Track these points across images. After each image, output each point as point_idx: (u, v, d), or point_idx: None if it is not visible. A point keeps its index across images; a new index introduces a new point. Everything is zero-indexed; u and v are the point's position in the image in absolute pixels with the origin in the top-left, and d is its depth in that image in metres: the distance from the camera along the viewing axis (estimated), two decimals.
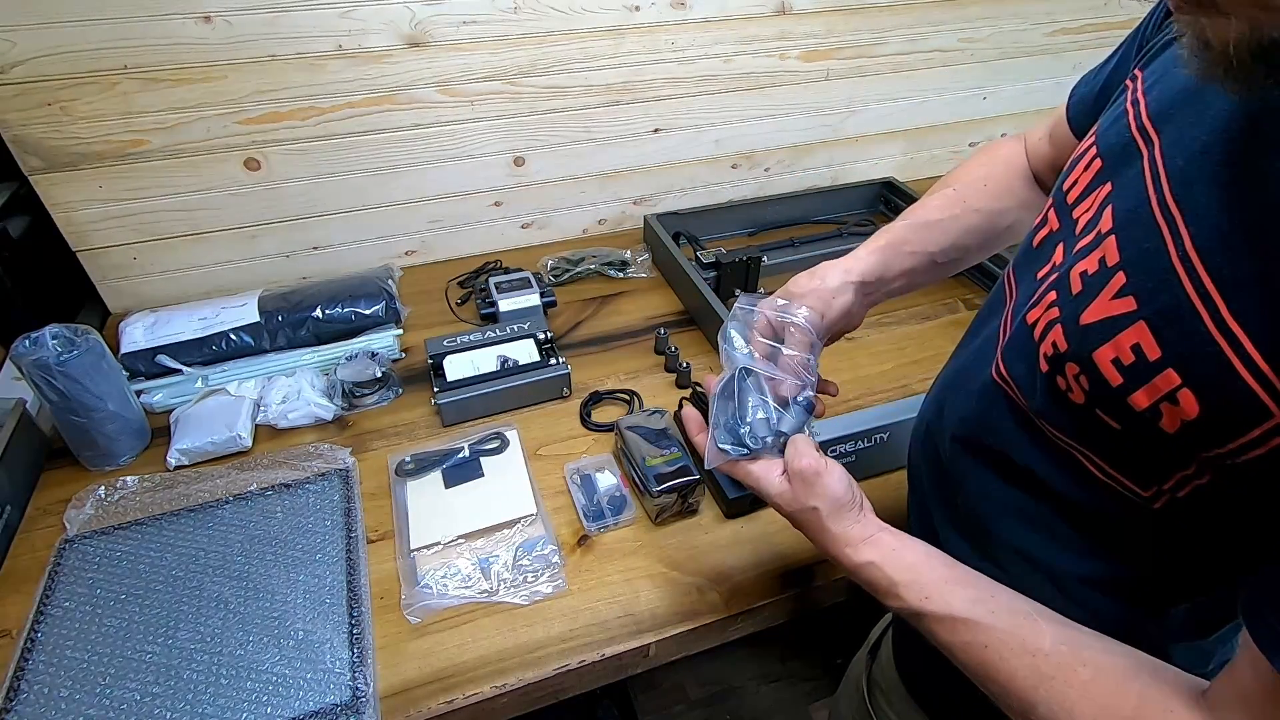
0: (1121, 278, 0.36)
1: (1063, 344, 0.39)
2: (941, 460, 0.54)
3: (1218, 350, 0.31)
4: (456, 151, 1.13)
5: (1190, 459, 0.35)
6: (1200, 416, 0.32)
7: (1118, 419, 0.37)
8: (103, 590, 0.70)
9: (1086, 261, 0.39)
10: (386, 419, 0.91)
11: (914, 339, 1.06)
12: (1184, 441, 0.34)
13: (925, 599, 0.45)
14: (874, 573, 0.47)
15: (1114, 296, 0.36)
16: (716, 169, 1.33)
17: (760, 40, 1.19)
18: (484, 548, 0.74)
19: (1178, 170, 0.35)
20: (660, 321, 1.08)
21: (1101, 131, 0.43)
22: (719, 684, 1.47)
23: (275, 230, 1.11)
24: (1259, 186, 0.31)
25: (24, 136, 0.92)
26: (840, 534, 0.49)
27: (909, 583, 0.46)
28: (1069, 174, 0.45)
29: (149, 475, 0.82)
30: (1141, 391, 0.35)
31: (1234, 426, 0.31)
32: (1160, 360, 0.33)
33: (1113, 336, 0.36)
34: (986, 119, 1.49)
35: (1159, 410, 0.34)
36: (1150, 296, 0.34)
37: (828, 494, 0.49)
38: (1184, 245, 0.33)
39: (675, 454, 0.78)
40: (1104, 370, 0.36)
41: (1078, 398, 0.39)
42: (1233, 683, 0.34)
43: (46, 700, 0.61)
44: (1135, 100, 0.41)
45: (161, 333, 0.93)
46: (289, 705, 0.61)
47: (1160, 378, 0.34)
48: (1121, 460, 0.39)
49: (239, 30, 0.93)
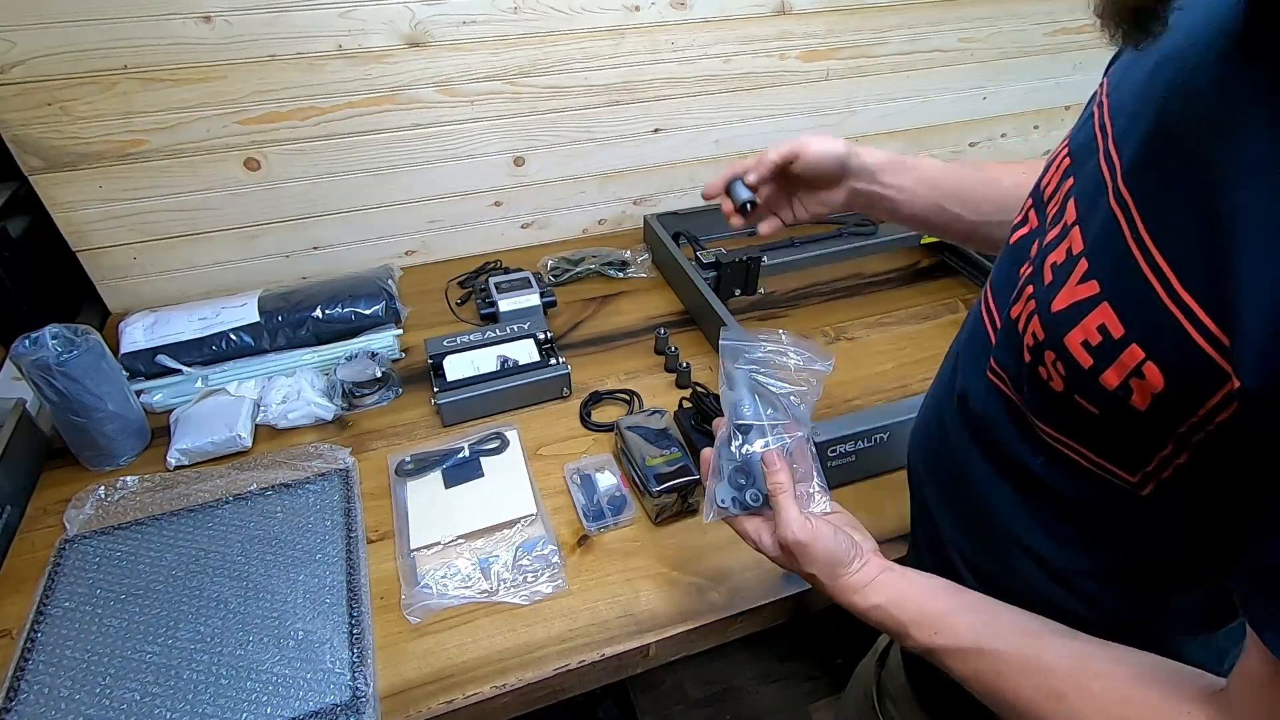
0: (1085, 264, 0.38)
1: (1040, 333, 0.41)
2: (941, 459, 0.54)
3: (1174, 321, 0.33)
4: (456, 151, 1.13)
5: (1167, 437, 0.36)
6: (1166, 388, 0.34)
7: (1094, 403, 0.38)
8: (103, 590, 0.70)
9: (1056, 253, 0.41)
10: (386, 419, 0.91)
11: (914, 339, 1.06)
12: (1157, 417, 0.35)
13: (934, 634, 0.45)
14: (882, 615, 0.48)
15: (1079, 282, 0.38)
16: (716, 169, 1.33)
17: (760, 40, 1.19)
18: (484, 548, 0.74)
19: (1127, 159, 0.38)
20: (660, 321, 1.08)
21: (1073, 132, 0.46)
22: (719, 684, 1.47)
23: (275, 230, 1.11)
24: (1198, 168, 0.33)
25: (24, 136, 0.92)
26: (843, 586, 0.50)
27: (916, 621, 0.47)
28: (1045, 173, 0.47)
29: (149, 475, 0.82)
30: (1111, 370, 0.36)
31: (1197, 393, 0.33)
32: (1124, 337, 0.35)
33: (1080, 320, 0.37)
34: (986, 119, 1.49)
35: (1129, 387, 0.35)
36: (1110, 278, 0.36)
37: (820, 559, 0.50)
38: (1136, 227, 0.35)
39: (675, 454, 0.78)
40: (1075, 354, 0.38)
41: (1057, 385, 0.40)
42: (1243, 674, 0.34)
43: (46, 700, 0.61)
44: (1100, 101, 0.44)
45: (161, 333, 0.93)
46: (289, 705, 0.61)
47: (1126, 354, 0.35)
48: (1105, 447, 0.40)
49: (239, 30, 0.93)
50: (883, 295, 1.16)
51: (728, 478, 0.54)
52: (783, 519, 0.50)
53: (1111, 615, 0.41)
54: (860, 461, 0.79)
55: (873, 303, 1.14)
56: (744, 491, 0.54)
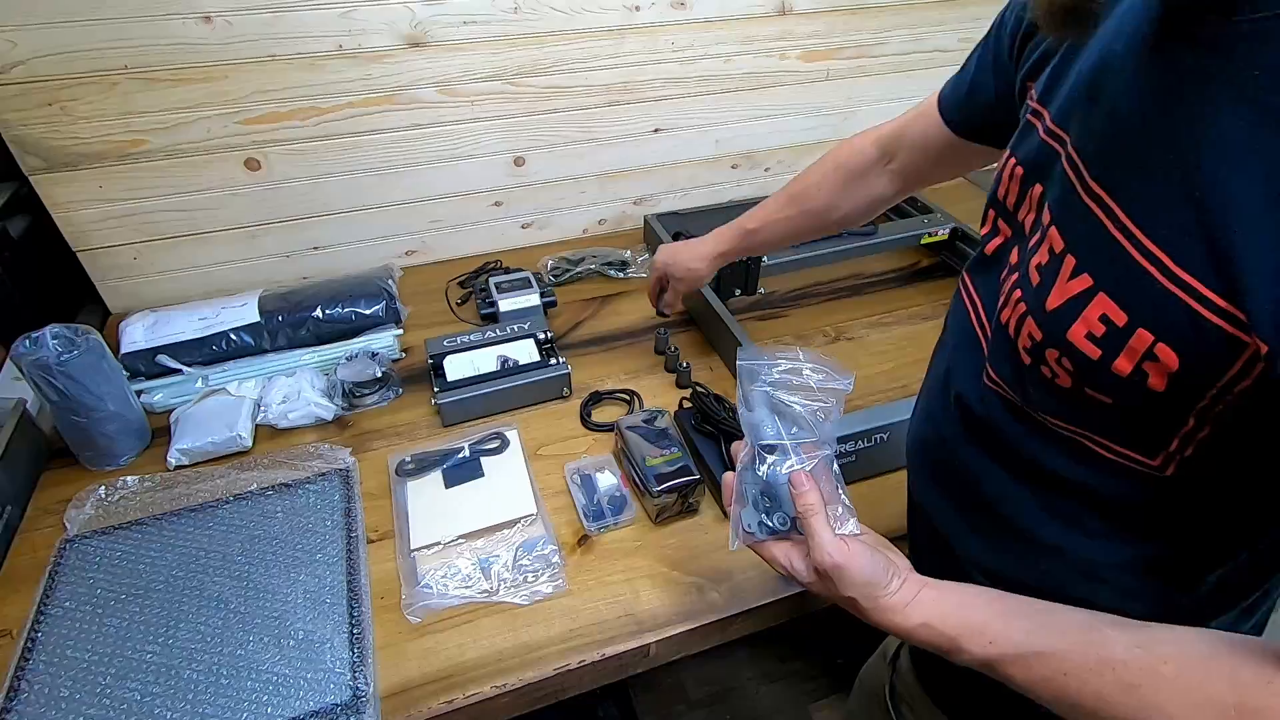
0: (1072, 260, 0.39)
1: (1037, 334, 0.41)
2: (948, 470, 0.53)
3: (1178, 300, 0.33)
4: (457, 151, 1.13)
5: (1186, 414, 0.36)
6: (1182, 365, 0.34)
7: (1107, 393, 0.38)
8: (103, 590, 0.70)
9: (1038, 255, 0.42)
10: (386, 419, 0.91)
11: (914, 339, 1.06)
12: (1177, 395, 0.35)
13: (990, 644, 0.43)
14: (929, 634, 0.46)
15: (1070, 278, 0.39)
16: (716, 169, 1.33)
17: (760, 40, 1.19)
18: (484, 548, 0.74)
19: (1092, 156, 0.39)
20: (660, 321, 1.08)
21: (1014, 146, 0.48)
22: (719, 684, 1.47)
23: (275, 230, 1.11)
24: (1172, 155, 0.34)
25: (24, 136, 0.92)
26: (884, 607, 0.47)
27: (967, 634, 0.44)
28: (998, 186, 0.49)
29: (149, 475, 0.82)
30: (1122, 357, 0.36)
31: (1216, 365, 0.33)
32: (1129, 323, 0.36)
33: (1080, 313, 0.38)
34: None
35: (1144, 371, 0.36)
36: (1102, 270, 0.37)
37: (858, 581, 0.47)
38: (1118, 219, 0.36)
39: (675, 454, 0.78)
40: (1081, 347, 0.38)
41: (1064, 381, 0.40)
42: None
43: (46, 700, 0.61)
44: (1036, 112, 0.46)
45: (161, 333, 0.93)
46: (289, 705, 0.61)
47: (1134, 339, 0.36)
48: (1122, 435, 0.40)
49: (239, 30, 0.93)
50: (883, 295, 1.16)
51: (752, 501, 0.52)
52: (816, 542, 0.48)
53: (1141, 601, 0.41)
54: (860, 461, 0.79)
55: (873, 303, 1.14)
56: (771, 515, 0.51)
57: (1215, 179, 0.32)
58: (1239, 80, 0.32)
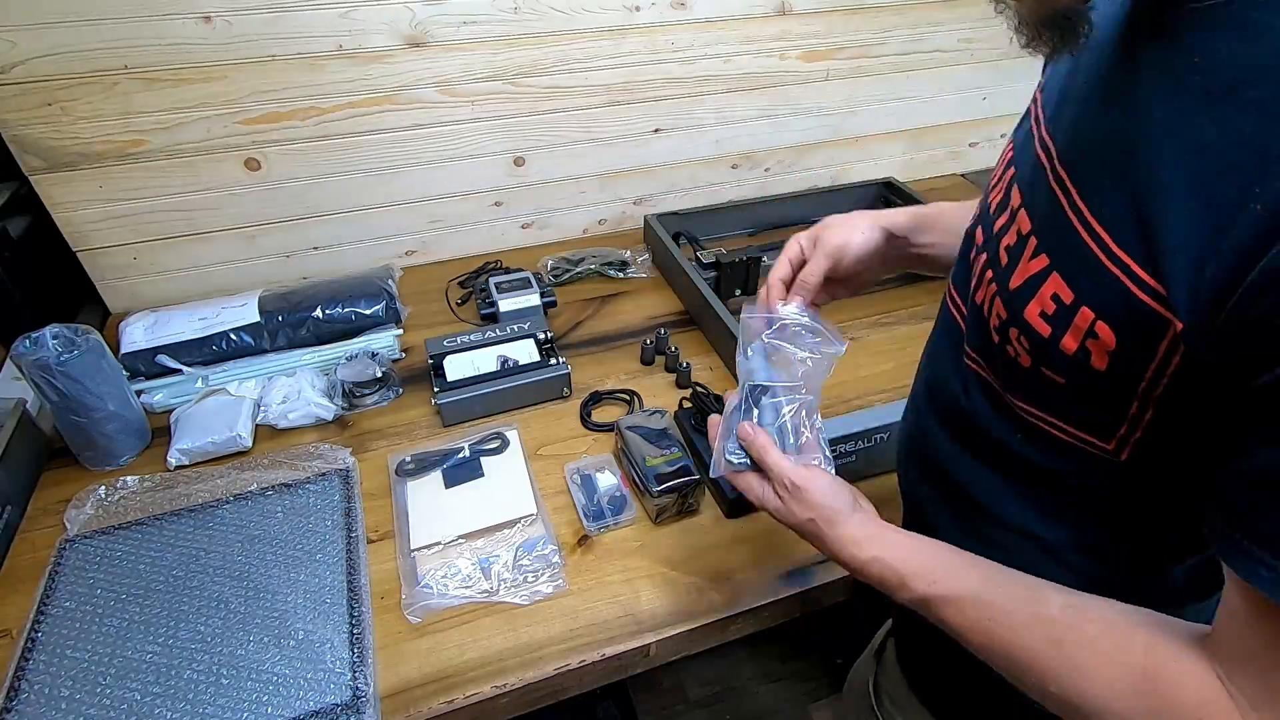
0: (1034, 241, 0.41)
1: (1003, 312, 0.43)
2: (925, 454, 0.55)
3: (1115, 280, 0.35)
4: (457, 151, 1.13)
5: (1130, 396, 0.37)
6: (1119, 344, 0.36)
7: (1061, 372, 0.40)
8: (103, 590, 0.70)
9: (1008, 236, 0.44)
10: (386, 419, 0.91)
11: (914, 339, 1.05)
12: (1117, 374, 0.37)
13: (933, 583, 0.46)
14: (880, 568, 0.48)
15: (1031, 258, 0.41)
16: (716, 169, 1.33)
17: (760, 40, 1.19)
18: (484, 548, 0.74)
19: (1060, 142, 0.42)
20: (660, 321, 1.08)
21: (1015, 132, 0.50)
22: (719, 684, 1.47)
23: (275, 230, 1.11)
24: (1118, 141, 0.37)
25: (24, 136, 0.92)
26: (841, 536, 0.50)
27: (915, 572, 0.47)
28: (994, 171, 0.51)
29: (149, 475, 0.82)
30: (1068, 335, 0.38)
31: (1146, 343, 0.35)
32: (1075, 301, 0.38)
33: (1036, 292, 0.40)
34: (986, 119, 1.49)
35: (1087, 349, 0.38)
36: (1057, 250, 0.39)
37: (816, 503, 0.51)
38: (1074, 200, 0.39)
39: (675, 454, 0.78)
40: (1034, 325, 0.40)
41: (1025, 361, 0.42)
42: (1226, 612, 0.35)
43: (46, 700, 0.61)
44: (1035, 97, 0.48)
45: (161, 333, 0.93)
46: (289, 705, 0.61)
47: (1079, 316, 0.37)
48: (1076, 417, 0.41)
49: (239, 30, 0.93)
50: (883, 295, 1.16)
51: (735, 438, 0.56)
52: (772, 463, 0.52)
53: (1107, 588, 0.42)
54: (860, 461, 0.79)
55: (873, 303, 1.14)
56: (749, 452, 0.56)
57: (1150, 162, 0.34)
58: (1179, 66, 0.34)
